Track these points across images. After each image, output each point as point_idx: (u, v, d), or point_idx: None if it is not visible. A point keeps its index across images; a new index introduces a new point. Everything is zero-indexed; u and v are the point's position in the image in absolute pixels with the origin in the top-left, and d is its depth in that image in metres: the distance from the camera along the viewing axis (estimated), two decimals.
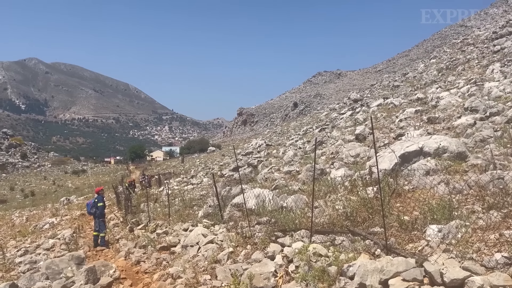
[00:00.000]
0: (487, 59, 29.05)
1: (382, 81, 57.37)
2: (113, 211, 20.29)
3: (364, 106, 32.22)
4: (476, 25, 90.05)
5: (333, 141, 20.98)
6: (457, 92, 20.67)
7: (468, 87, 20.70)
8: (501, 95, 16.35)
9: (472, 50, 36.67)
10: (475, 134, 11.73)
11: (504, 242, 4.49)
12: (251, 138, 76.02)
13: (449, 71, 32.36)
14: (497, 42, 32.44)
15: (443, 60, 40.77)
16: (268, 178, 15.45)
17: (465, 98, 18.25)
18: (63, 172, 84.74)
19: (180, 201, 16.37)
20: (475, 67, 28.36)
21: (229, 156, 41.74)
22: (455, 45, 49.13)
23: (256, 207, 9.55)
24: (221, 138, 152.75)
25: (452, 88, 22.83)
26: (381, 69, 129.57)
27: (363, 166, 11.09)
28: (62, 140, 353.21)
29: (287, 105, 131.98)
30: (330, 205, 7.78)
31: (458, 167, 8.10)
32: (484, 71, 24.94)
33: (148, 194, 18.80)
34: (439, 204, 5.85)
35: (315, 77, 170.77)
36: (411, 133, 14.56)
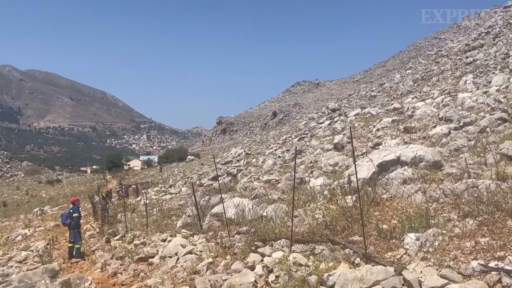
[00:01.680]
0: (460, 70, 29.94)
1: (359, 91, 58.33)
2: (89, 222, 19.84)
3: (342, 115, 32.64)
4: (449, 37, 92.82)
5: (312, 150, 21.13)
6: (432, 102, 21.16)
7: (443, 97, 21.23)
8: (474, 106, 16.82)
9: (446, 61, 37.75)
10: (450, 143, 12.00)
11: (480, 249, 4.58)
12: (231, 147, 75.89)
13: (424, 81, 33.18)
14: (470, 54, 33.49)
15: (419, 71, 41.79)
16: (247, 187, 15.41)
17: (439, 108, 18.70)
18: (37, 181, 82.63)
19: (158, 211, 16.14)
20: (449, 78, 29.17)
21: (208, 165, 41.52)
22: (429, 56, 50.46)
23: (235, 216, 9.48)
24: (200, 147, 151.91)
25: (427, 98, 23.37)
26: (358, 79, 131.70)
27: (342, 175, 11.18)
28: (36, 149, 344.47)
29: (266, 114, 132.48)
30: (309, 214, 7.79)
31: (434, 176, 8.26)
32: (458, 82, 25.65)
33: (125, 204, 18.47)
34: (417, 212, 5.95)
35: (294, 87, 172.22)
36: (388, 142, 14.79)
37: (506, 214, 5.26)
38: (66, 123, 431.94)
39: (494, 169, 7.30)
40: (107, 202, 21.11)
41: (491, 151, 8.71)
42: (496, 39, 34.95)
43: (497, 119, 13.05)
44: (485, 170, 7.86)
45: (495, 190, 6.05)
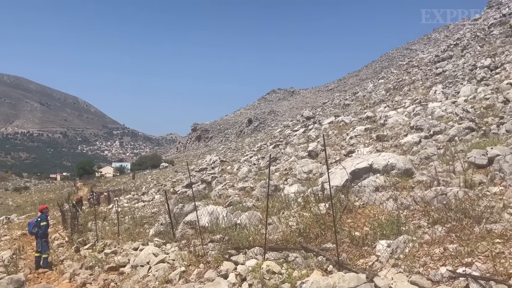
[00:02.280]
0: (430, 80, 30.80)
1: (333, 99, 59.18)
2: (58, 230, 19.25)
3: (316, 123, 33.00)
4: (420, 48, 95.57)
5: (286, 157, 21.24)
6: (404, 111, 21.66)
7: (414, 106, 21.76)
8: (443, 115, 17.30)
9: (416, 72, 38.77)
10: (421, 151, 12.29)
11: (448, 256, 4.68)
12: (206, 154, 75.44)
13: (396, 91, 33.97)
14: (439, 65, 34.54)
15: (391, 80, 42.79)
16: (222, 195, 15.33)
17: (411, 117, 19.15)
18: (3, 189, 79.80)
19: (130, 219, 15.84)
20: (419, 88, 29.95)
21: (182, 173, 41.12)
22: (401, 66, 51.76)
23: (209, 224, 9.40)
24: (174, 154, 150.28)
25: (399, 107, 23.91)
26: (332, 88, 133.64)
27: (316, 182, 11.26)
28: (3, 155, 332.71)
29: (241, 121, 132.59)
30: (283, 222, 7.80)
31: (405, 184, 8.42)
32: (428, 92, 26.37)
33: (96, 212, 18.04)
34: (388, 219, 6.04)
35: (269, 94, 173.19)
36: (361, 150, 15.03)
37: (473, 221, 5.40)
38: (35, 129, 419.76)
39: (462, 177, 7.50)
40: (77, 210, 20.58)
41: (459, 159, 8.95)
42: (464, 51, 36.17)
43: (465, 128, 13.46)
44: (454, 178, 8.06)
45: (463, 198, 6.21)
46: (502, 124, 12.46)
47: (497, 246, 4.59)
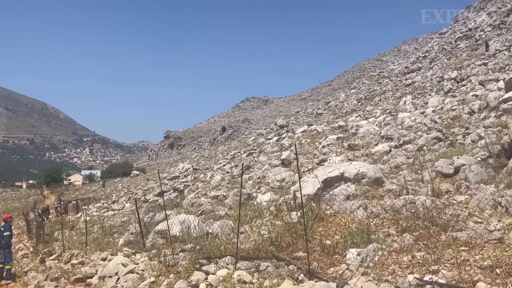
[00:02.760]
0: (400, 91, 31.60)
1: (306, 108, 59.83)
2: (22, 241, 18.55)
3: (289, 132, 33.23)
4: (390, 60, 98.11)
5: (260, 165, 21.26)
6: (375, 121, 22.10)
7: (384, 116, 22.25)
8: (412, 125, 17.75)
9: (387, 82, 39.74)
10: (391, 160, 12.55)
11: (416, 264, 4.77)
12: (178, 162, 74.62)
13: (367, 101, 34.67)
14: (409, 77, 35.50)
15: (362, 90, 43.65)
16: (194, 203, 15.17)
17: (381, 127, 19.56)
18: None
19: (99, 228, 15.45)
20: (390, 98, 30.68)
21: (154, 181, 40.50)
22: (372, 77, 52.94)
23: (180, 233, 9.26)
24: (146, 162, 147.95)
25: (370, 117, 24.39)
26: (305, 97, 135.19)
27: (288, 190, 11.31)
28: None
29: (215, 129, 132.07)
30: (255, 230, 7.77)
31: (375, 192, 8.55)
32: (398, 102, 27.03)
33: (63, 221, 17.50)
34: (358, 228, 6.10)
35: (244, 103, 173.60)
36: (333, 159, 15.21)
37: (440, 229, 5.53)
38: (0, 135, 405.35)
39: (430, 186, 7.68)
40: (43, 219, 19.93)
41: (427, 168, 9.18)
42: (432, 63, 37.36)
43: (433, 138, 13.84)
44: (422, 186, 8.25)
45: (430, 206, 6.35)
46: (468, 135, 12.87)
47: (462, 254, 4.71)
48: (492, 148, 8.78)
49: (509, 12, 38.13)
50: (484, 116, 14.92)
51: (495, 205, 6.05)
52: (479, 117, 15.29)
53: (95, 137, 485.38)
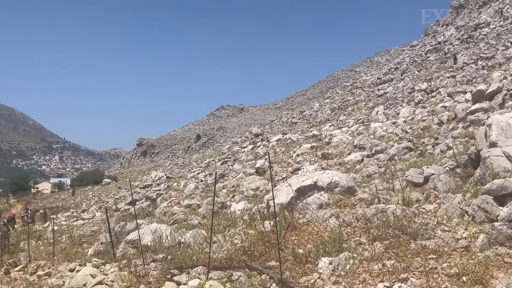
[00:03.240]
0: (373, 101, 32.30)
1: (281, 117, 60.23)
2: None
3: (264, 140, 33.35)
4: (363, 70, 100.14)
5: (234, 174, 21.21)
6: (348, 131, 22.45)
7: (357, 126, 22.64)
8: (384, 135, 18.11)
9: (360, 93, 40.54)
10: (363, 170, 12.74)
11: (386, 272, 4.83)
12: (151, 170, 73.59)
13: (341, 111, 35.24)
14: (381, 87, 36.35)
15: (336, 100, 44.35)
16: (167, 212, 14.96)
17: (354, 136, 19.89)
18: None
19: (67, 238, 14.99)
20: (362, 108, 31.29)
21: (126, 189, 39.74)
22: (346, 87, 53.90)
23: (152, 243, 9.10)
24: (118, 170, 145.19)
25: (343, 126, 24.78)
26: (280, 106, 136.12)
27: (262, 199, 11.30)
28: None
29: (190, 137, 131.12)
30: (228, 240, 7.71)
31: (347, 201, 8.64)
32: (370, 112, 27.60)
33: (30, 231, 16.91)
34: (331, 237, 6.14)
35: (219, 111, 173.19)
36: (307, 167, 15.33)
37: (410, 238, 5.63)
38: None
39: (400, 195, 7.83)
40: (8, 229, 19.22)
41: (398, 178, 9.36)
42: (403, 74, 38.37)
43: (404, 148, 14.15)
44: (393, 195, 8.40)
45: (400, 215, 6.47)
46: (437, 145, 13.24)
47: (430, 262, 4.80)
48: (460, 158, 9.03)
49: (476, 27, 39.67)
50: (453, 127, 15.39)
51: (462, 213, 6.20)
52: (447, 127, 15.76)
53: (65, 144, 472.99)
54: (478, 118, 13.68)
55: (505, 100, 14.92)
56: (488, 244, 4.99)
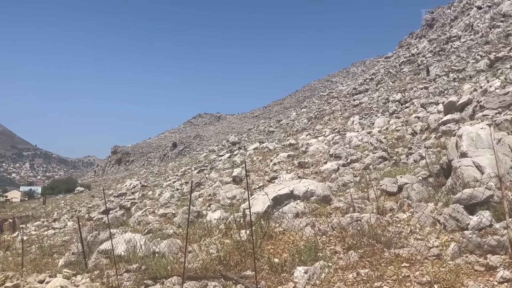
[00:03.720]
0: (349, 111, 32.77)
1: (258, 126, 60.40)
2: None
3: (241, 149, 33.30)
4: (339, 81, 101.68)
5: (211, 182, 21.08)
6: (324, 140, 22.68)
7: (333, 135, 22.90)
8: (359, 144, 18.38)
9: (336, 102, 41.09)
10: (339, 178, 12.87)
11: (360, 280, 4.87)
12: (126, 178, 72.39)
13: (317, 120, 35.60)
14: (357, 97, 36.96)
15: (312, 110, 44.80)
16: (141, 222, 14.72)
17: (330, 146, 20.10)
18: None
19: (37, 248, 14.53)
20: (338, 118, 31.70)
21: (99, 198, 38.92)
22: (322, 97, 54.56)
23: (126, 253, 8.92)
24: (91, 178, 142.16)
25: (320, 135, 25.01)
26: (258, 114, 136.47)
27: (239, 208, 11.25)
28: None
29: (166, 145, 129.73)
30: (204, 249, 7.63)
31: (323, 210, 8.70)
32: (346, 122, 27.99)
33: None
34: (306, 245, 6.15)
35: (196, 119, 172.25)
36: (284, 176, 15.37)
37: (384, 246, 5.70)
38: None
39: (375, 204, 7.93)
40: None
41: (373, 187, 9.49)
42: (378, 85, 39.14)
43: (379, 158, 14.39)
44: (368, 204, 8.51)
45: (375, 224, 6.55)
46: (411, 155, 13.52)
47: (403, 270, 4.87)
48: (432, 167, 9.25)
49: (447, 40, 40.94)
50: (425, 137, 15.75)
51: (434, 222, 6.34)
52: (421, 137, 16.12)
53: (37, 152, 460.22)
54: (449, 129, 14.05)
55: (475, 112, 15.40)
56: (459, 252, 5.10)
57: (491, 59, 25.50)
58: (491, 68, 24.34)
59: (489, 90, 17.30)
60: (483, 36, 34.70)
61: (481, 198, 6.01)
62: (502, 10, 37.43)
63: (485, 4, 45.29)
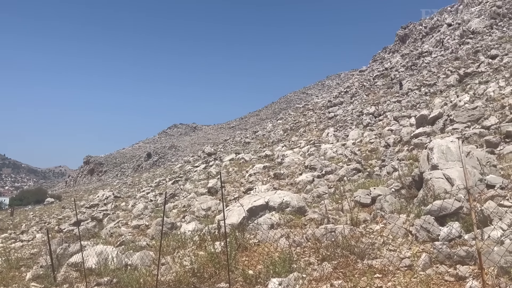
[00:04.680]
0: (324, 123, 33.17)
1: (235, 137, 60.38)
2: None
3: (217, 160, 33.17)
4: (315, 93, 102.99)
5: (186, 193, 20.87)
6: (299, 151, 22.85)
7: (308, 147, 23.10)
8: (334, 156, 18.60)
9: (311, 114, 41.54)
10: (313, 190, 12.96)
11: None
12: (98, 189, 70.84)
13: (293, 132, 35.87)
14: (331, 110, 37.46)
15: (288, 121, 45.13)
16: (114, 233, 14.39)
17: (305, 157, 20.25)
18: None
19: (4, 261, 13.99)
20: (314, 129, 32.03)
21: (70, 209, 37.87)
22: (298, 109, 55.06)
23: (97, 266, 8.70)
24: (63, 188, 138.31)
25: (295, 147, 25.20)
26: (234, 125, 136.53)
27: (214, 219, 11.17)
28: None
29: (140, 155, 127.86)
30: (178, 261, 7.51)
31: (298, 221, 8.73)
32: (321, 133, 28.31)
33: None
34: (281, 257, 6.15)
35: (171, 129, 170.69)
36: (259, 187, 15.38)
37: (357, 257, 5.75)
38: None
39: (349, 215, 8.02)
40: None
41: (347, 198, 9.60)
42: (353, 98, 39.83)
43: (353, 169, 14.58)
44: (342, 215, 8.59)
45: (348, 235, 6.61)
46: (384, 167, 13.76)
47: (376, 281, 4.92)
48: (405, 179, 9.43)
49: (419, 55, 42.18)
50: (398, 150, 16.08)
51: (406, 233, 6.45)
52: (394, 150, 16.44)
53: (5, 161, 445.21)
54: (421, 142, 14.39)
55: (445, 125, 15.86)
56: (430, 263, 5.20)
57: (461, 75, 26.41)
58: (460, 83, 25.20)
59: (459, 105, 17.89)
60: (453, 52, 35.93)
61: (451, 209, 6.17)
62: (471, 28, 38.94)
63: (455, 21, 47.06)
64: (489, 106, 15.93)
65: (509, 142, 10.91)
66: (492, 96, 17.42)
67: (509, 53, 26.46)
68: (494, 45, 30.45)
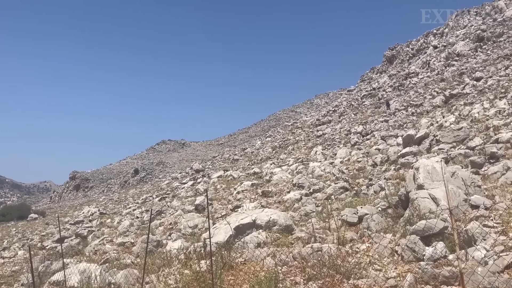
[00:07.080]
0: (312, 141, 33.34)
1: (223, 154, 60.26)
2: None
3: (205, 176, 33.03)
4: (304, 111, 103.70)
5: (172, 211, 20.68)
6: (288, 169, 22.88)
7: (296, 165, 23.16)
8: (322, 174, 18.66)
9: (300, 133, 41.74)
10: (301, 208, 12.96)
11: None
12: (84, 205, 69.67)
13: (282, 149, 35.94)
14: (320, 128, 37.72)
15: (277, 139, 45.26)
16: (98, 251, 14.15)
17: (294, 175, 20.28)
18: None
19: None
20: (302, 147, 32.15)
21: (54, 225, 37.18)
22: (287, 127, 55.37)
23: (79, 284, 8.53)
24: (47, 204, 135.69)
25: (284, 165, 25.23)
26: (223, 142, 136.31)
27: (200, 237, 11.06)
28: None
29: (127, 171, 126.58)
30: (162, 280, 7.41)
31: (285, 240, 8.69)
32: (310, 152, 28.42)
33: None
34: (266, 276, 6.09)
35: (159, 145, 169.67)
36: (247, 205, 15.33)
37: (343, 277, 5.73)
38: None
39: (336, 234, 8.00)
40: None
41: (334, 217, 9.60)
42: (341, 117, 40.18)
43: (340, 188, 14.63)
44: (329, 234, 8.57)
45: (335, 254, 6.59)
46: (371, 185, 13.83)
47: None
48: (391, 199, 9.49)
49: (406, 76, 42.91)
50: (385, 169, 16.21)
51: (392, 253, 6.45)
52: (381, 169, 16.57)
53: None
54: (408, 161, 14.53)
55: (431, 145, 16.07)
56: (415, 283, 5.20)
57: (446, 96, 26.92)
58: (446, 104, 25.66)
59: (445, 125, 18.19)
60: (439, 73, 36.65)
61: (435, 229, 6.21)
62: (457, 50, 39.88)
63: (440, 43, 48.17)
64: (474, 127, 16.23)
65: (494, 163, 11.08)
66: (477, 117, 17.76)
67: (493, 75, 27.10)
68: (479, 67, 31.18)
